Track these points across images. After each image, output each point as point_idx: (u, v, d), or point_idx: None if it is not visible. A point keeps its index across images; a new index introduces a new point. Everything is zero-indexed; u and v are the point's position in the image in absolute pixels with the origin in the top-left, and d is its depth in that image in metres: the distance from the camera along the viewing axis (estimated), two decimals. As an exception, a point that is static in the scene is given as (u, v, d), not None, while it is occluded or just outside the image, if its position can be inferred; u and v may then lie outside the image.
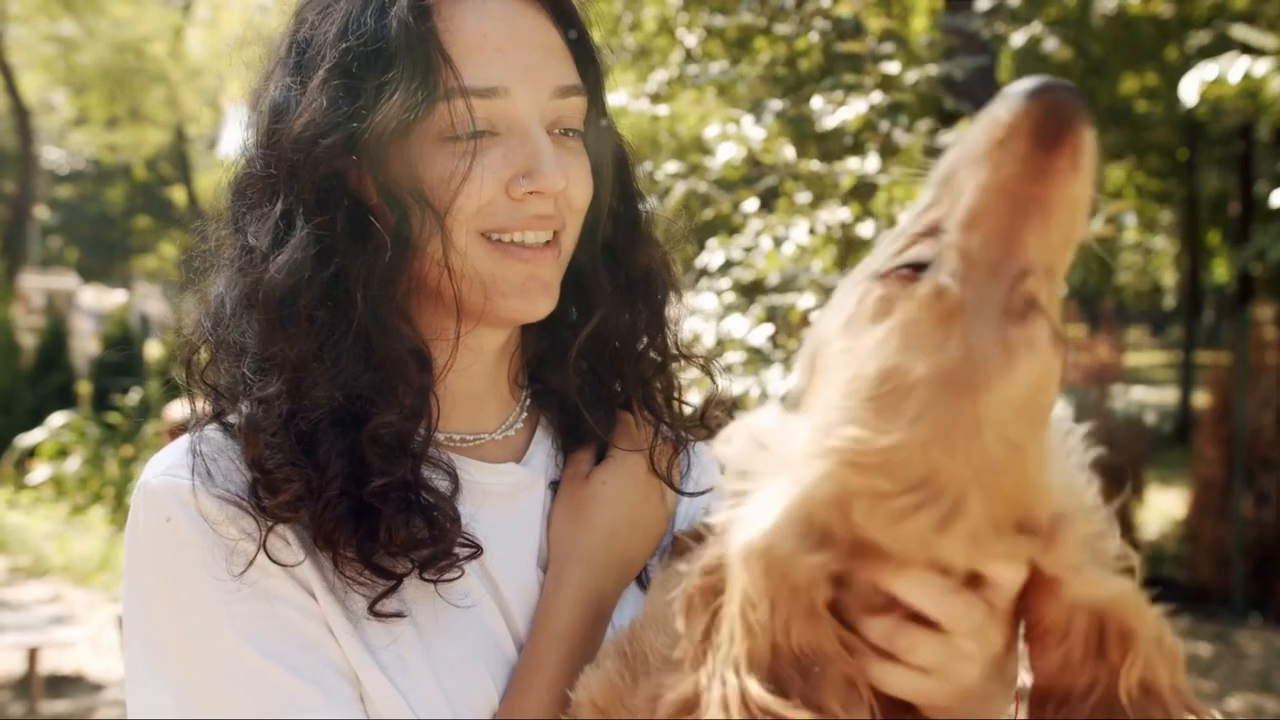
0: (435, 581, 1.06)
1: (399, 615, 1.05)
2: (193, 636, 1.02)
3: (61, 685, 7.14)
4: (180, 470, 1.06)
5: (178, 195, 30.29)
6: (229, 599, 1.02)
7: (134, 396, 13.19)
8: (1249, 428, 8.91)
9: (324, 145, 1.04)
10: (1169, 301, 40.97)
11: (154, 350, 16.27)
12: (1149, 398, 18.37)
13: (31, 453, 12.26)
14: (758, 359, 5.24)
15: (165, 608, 1.04)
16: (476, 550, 1.09)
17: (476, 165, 1.06)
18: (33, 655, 6.56)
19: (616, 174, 1.21)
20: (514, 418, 1.24)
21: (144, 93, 22.78)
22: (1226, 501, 8.98)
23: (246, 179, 1.11)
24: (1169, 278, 36.93)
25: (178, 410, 6.48)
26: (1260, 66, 5.30)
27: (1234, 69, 5.28)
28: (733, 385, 4.32)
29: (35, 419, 13.02)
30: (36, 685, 6.58)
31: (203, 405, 1.13)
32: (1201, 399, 9.89)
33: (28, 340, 15.60)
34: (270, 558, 1.02)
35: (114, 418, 12.67)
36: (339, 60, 1.05)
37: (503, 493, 1.17)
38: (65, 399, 14.15)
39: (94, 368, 15.59)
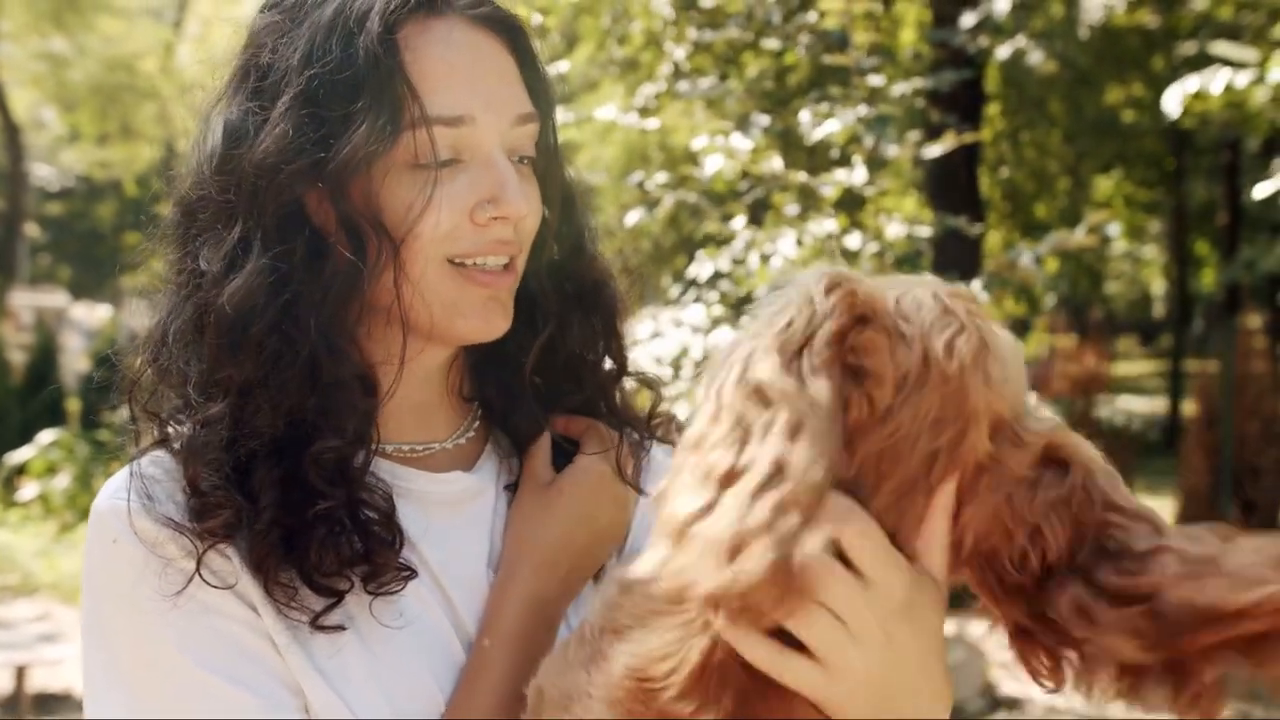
0: (378, 594, 1.08)
1: (340, 628, 1.07)
2: (140, 652, 1.05)
3: (50, 703, 7.11)
4: (124, 494, 1.08)
5: (167, 211, 30.22)
6: (170, 616, 1.04)
7: (123, 414, 13.17)
8: (1236, 436, 8.94)
9: (287, 172, 1.05)
10: (1159, 310, 41.08)
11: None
12: (1138, 407, 18.41)
13: (20, 470, 12.23)
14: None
15: (114, 626, 1.06)
16: (411, 573, 1.10)
17: (441, 192, 1.08)
18: (21, 673, 6.54)
19: (563, 197, 1.24)
20: (466, 426, 1.26)
21: (135, 109, 22.80)
22: (1214, 510, 9.00)
23: (199, 201, 1.11)
24: (1158, 287, 37.04)
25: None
26: (1242, 79, 5.34)
27: (1215, 81, 5.32)
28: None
29: (24, 436, 12.99)
30: (25, 703, 6.56)
31: (147, 430, 1.15)
32: (1189, 408, 9.92)
33: (17, 358, 15.57)
34: (205, 579, 1.05)
35: (103, 435, 12.66)
36: (304, 88, 1.06)
37: (450, 501, 1.19)
38: (55, 416, 14.12)
39: (83, 385, 15.57)
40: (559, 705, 0.96)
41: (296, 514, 1.06)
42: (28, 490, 11.73)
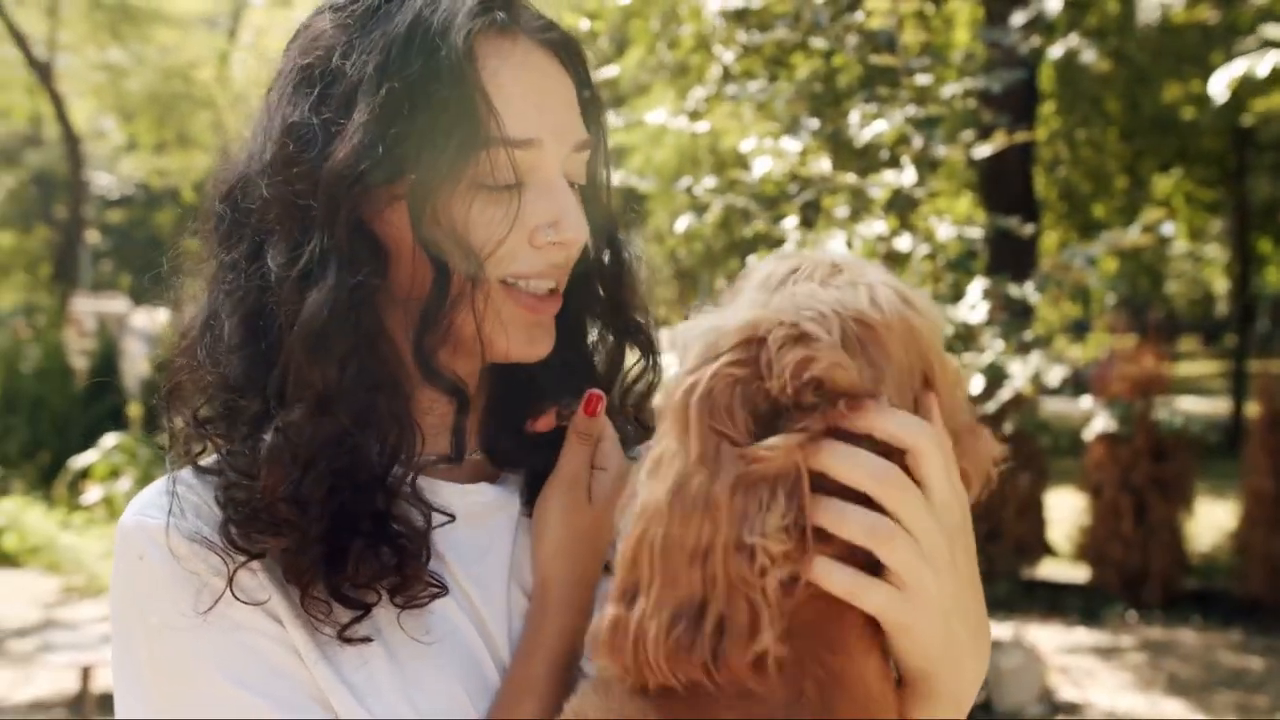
0: (406, 608, 1.08)
1: (367, 640, 1.06)
2: (168, 669, 1.05)
3: (112, 703, 7.23)
4: (150, 510, 1.08)
5: (214, 205, 30.53)
6: (199, 632, 1.04)
7: (165, 429, 13.31)
8: (1300, 437, 8.80)
9: (366, 183, 1.05)
10: (1221, 309, 40.48)
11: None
12: (1200, 408, 18.15)
13: (84, 474, 12.42)
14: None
15: (142, 643, 1.06)
16: (441, 589, 1.10)
17: (509, 213, 1.08)
18: (86, 674, 6.63)
19: (606, 225, 1.24)
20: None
21: (191, 117, 23.08)
22: (1278, 512, 8.86)
23: (261, 201, 1.09)
24: (1221, 286, 36.50)
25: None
26: None
27: (1263, 64, 5.21)
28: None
29: (87, 441, 13.19)
30: (89, 703, 6.66)
31: (182, 440, 1.14)
32: (1252, 409, 9.76)
33: (80, 363, 15.81)
34: (237, 596, 1.05)
35: (163, 439, 12.81)
36: (383, 99, 1.05)
37: (476, 513, 1.18)
38: (117, 421, 14.32)
39: (145, 389, 15.78)
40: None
41: (343, 526, 1.05)
42: (92, 494, 11.90)
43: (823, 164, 5.41)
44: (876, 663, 0.94)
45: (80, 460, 12.48)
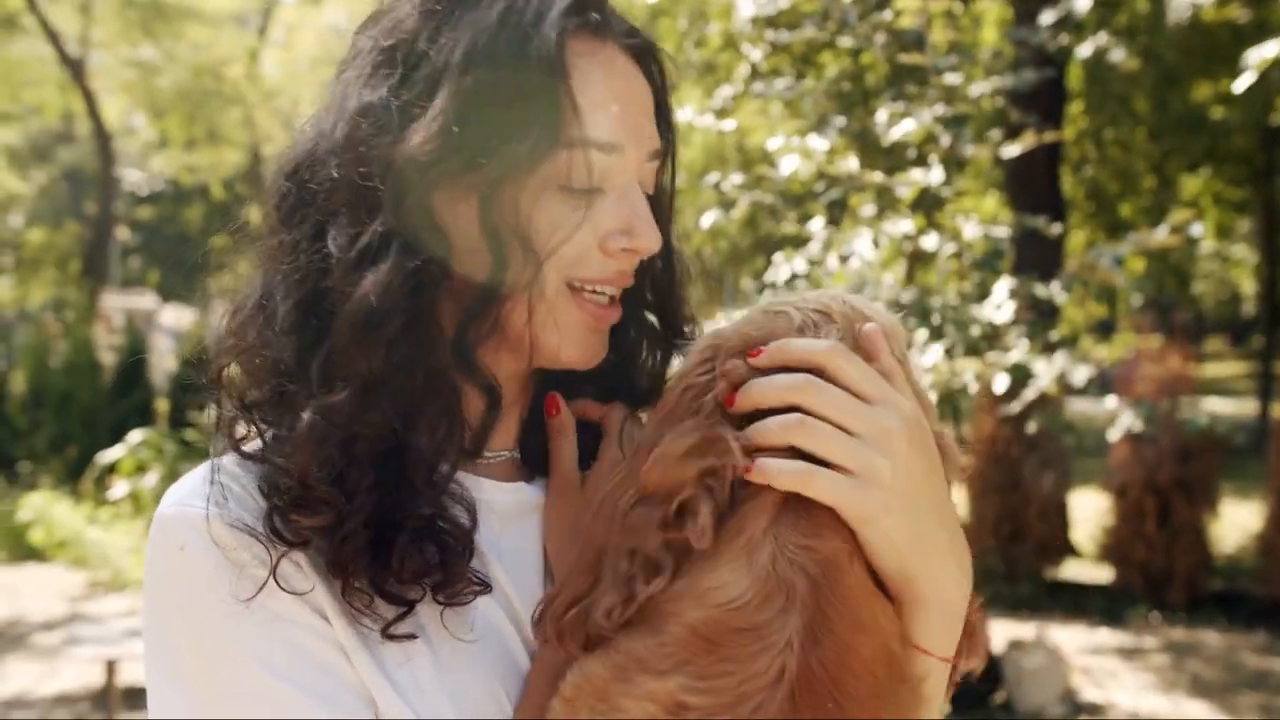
0: (449, 604, 1.07)
1: (412, 636, 1.05)
2: (209, 662, 1.03)
3: (139, 697, 7.26)
4: (193, 499, 1.06)
5: (254, 215, 30.73)
6: (242, 624, 1.02)
7: (210, 413, 13.39)
8: (1327, 439, 8.75)
9: (439, 170, 1.04)
10: (1249, 310, 40.17)
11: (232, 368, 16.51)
12: (1227, 409, 18.04)
13: (111, 469, 12.49)
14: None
15: (182, 635, 1.04)
16: (485, 587, 1.09)
17: (580, 216, 1.08)
18: (111, 667, 6.67)
19: (665, 231, 1.22)
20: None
21: (221, 114, 23.20)
22: (1306, 514, 8.82)
23: (328, 181, 1.07)
24: (1248, 286, 36.23)
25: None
26: None
27: None
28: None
29: (115, 436, 13.26)
30: (114, 697, 6.70)
31: (227, 425, 1.11)
32: (1279, 410, 9.71)
33: (108, 359, 15.91)
34: (281, 585, 1.03)
35: (191, 434, 12.89)
36: (467, 87, 1.04)
37: (515, 512, 1.18)
38: (144, 416, 14.40)
39: (172, 385, 15.87)
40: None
41: (388, 518, 1.04)
42: (118, 489, 11.97)
43: (850, 163, 5.40)
44: (860, 569, 0.97)
45: (107, 455, 12.56)
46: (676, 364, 1.26)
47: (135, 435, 12.63)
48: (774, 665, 0.89)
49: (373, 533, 1.03)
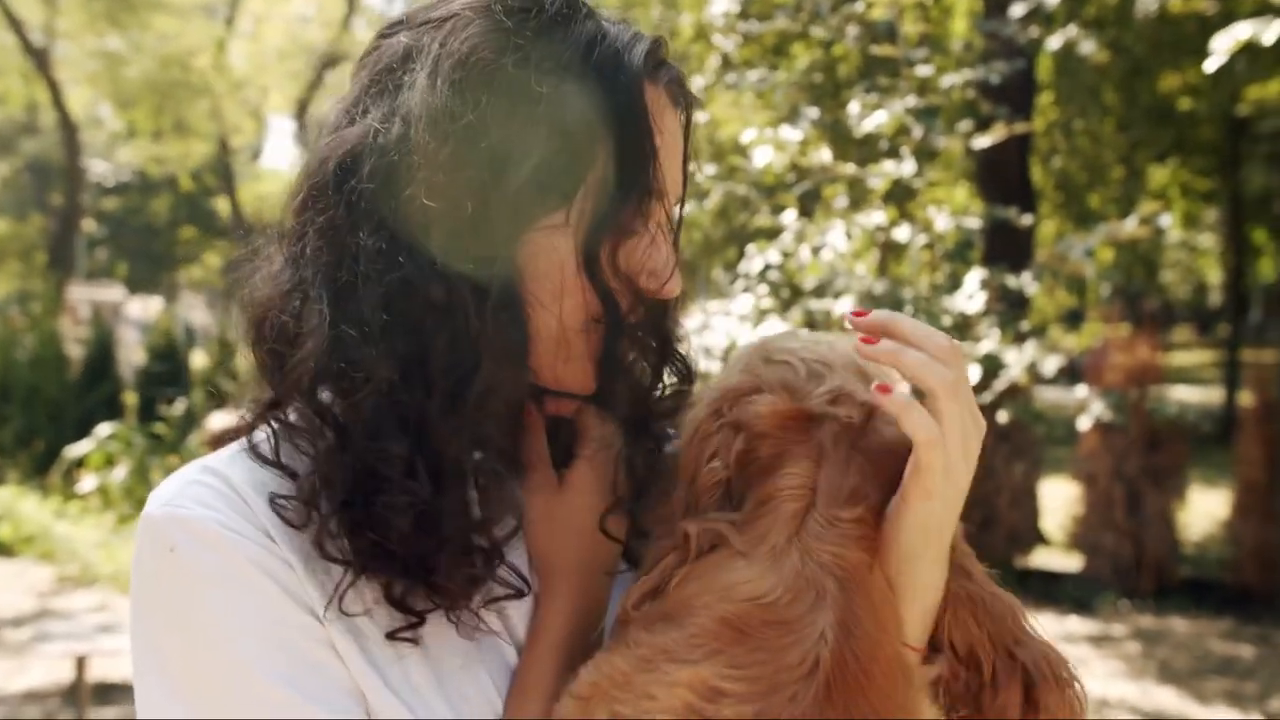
0: (483, 606, 1.08)
1: (410, 641, 1.06)
2: (200, 664, 1.02)
3: (109, 692, 7.23)
4: (182, 500, 1.06)
5: (221, 206, 30.61)
6: (233, 625, 1.02)
7: (179, 407, 13.32)
8: (1293, 427, 8.84)
9: (544, 209, 1.05)
10: (1215, 299, 40.53)
11: (199, 360, 16.42)
12: (1194, 397, 18.19)
13: (79, 463, 12.41)
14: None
15: (171, 637, 1.04)
16: (522, 590, 1.10)
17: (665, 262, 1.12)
18: (81, 663, 6.63)
19: None
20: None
21: (189, 105, 23.02)
22: (1270, 502, 8.90)
23: (425, 198, 1.03)
24: (1215, 276, 36.55)
25: (218, 421, 6.56)
26: None
27: (1269, 32, 5.20)
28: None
29: (82, 430, 13.17)
30: (85, 693, 6.66)
31: (250, 405, 1.11)
32: (1245, 398, 9.79)
33: (75, 351, 15.78)
34: (274, 586, 1.03)
35: (160, 428, 12.81)
36: (565, 125, 1.04)
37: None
38: (112, 409, 14.30)
39: (140, 378, 15.76)
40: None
41: (432, 531, 1.04)
42: (86, 483, 11.90)
43: (823, 154, 5.41)
44: (881, 578, 1.02)
45: (75, 449, 12.48)
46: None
47: (103, 429, 12.55)
48: (808, 657, 0.92)
49: (425, 544, 1.04)
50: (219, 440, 4.71)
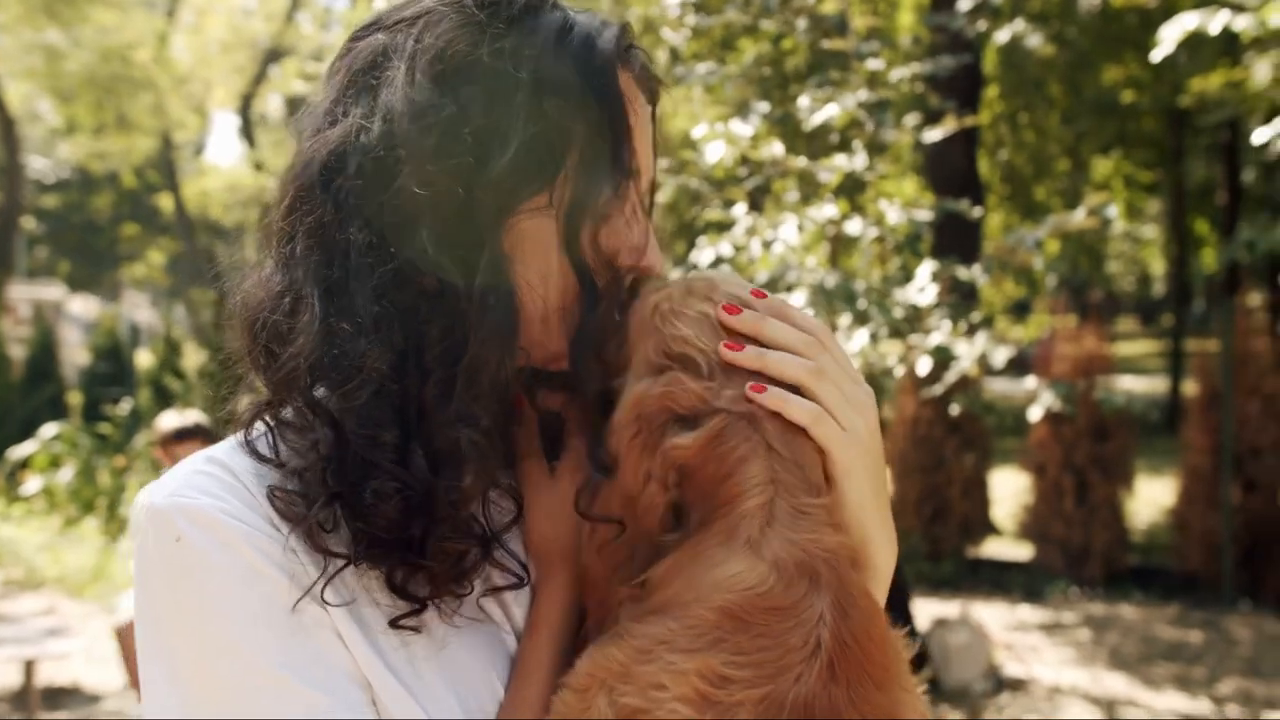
0: (455, 598, 1.09)
1: (413, 629, 1.07)
2: (206, 652, 1.03)
3: (58, 697, 7.15)
4: (187, 490, 1.06)
5: (165, 202, 30.23)
6: (242, 615, 1.03)
7: (125, 406, 13.18)
8: (1237, 416, 8.95)
9: (527, 193, 1.06)
10: (1158, 290, 41.07)
11: (144, 359, 16.24)
12: (1139, 387, 18.43)
13: (23, 464, 12.25)
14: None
15: (179, 627, 1.04)
16: (523, 579, 1.12)
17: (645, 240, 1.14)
18: (29, 667, 6.56)
19: None
20: None
21: (130, 100, 22.72)
22: (1216, 490, 9.03)
23: (410, 190, 1.05)
24: (1158, 266, 37.05)
25: (168, 420, 6.48)
26: (1241, 21, 5.30)
27: (1214, 22, 5.27)
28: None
29: (26, 431, 13.01)
30: (33, 697, 6.59)
31: (244, 405, 1.13)
32: (1190, 388, 9.93)
33: (17, 352, 15.57)
34: (281, 575, 1.04)
35: (105, 428, 12.66)
36: (543, 110, 1.06)
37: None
38: (56, 410, 14.12)
39: (84, 378, 15.57)
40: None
41: (424, 513, 1.05)
42: (31, 484, 11.74)
43: (775, 148, 5.42)
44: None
45: (19, 451, 12.32)
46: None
47: (48, 429, 12.40)
48: (810, 639, 0.95)
49: (414, 529, 1.05)
50: (168, 440, 4.70)
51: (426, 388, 1.05)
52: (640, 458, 1.07)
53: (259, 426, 1.10)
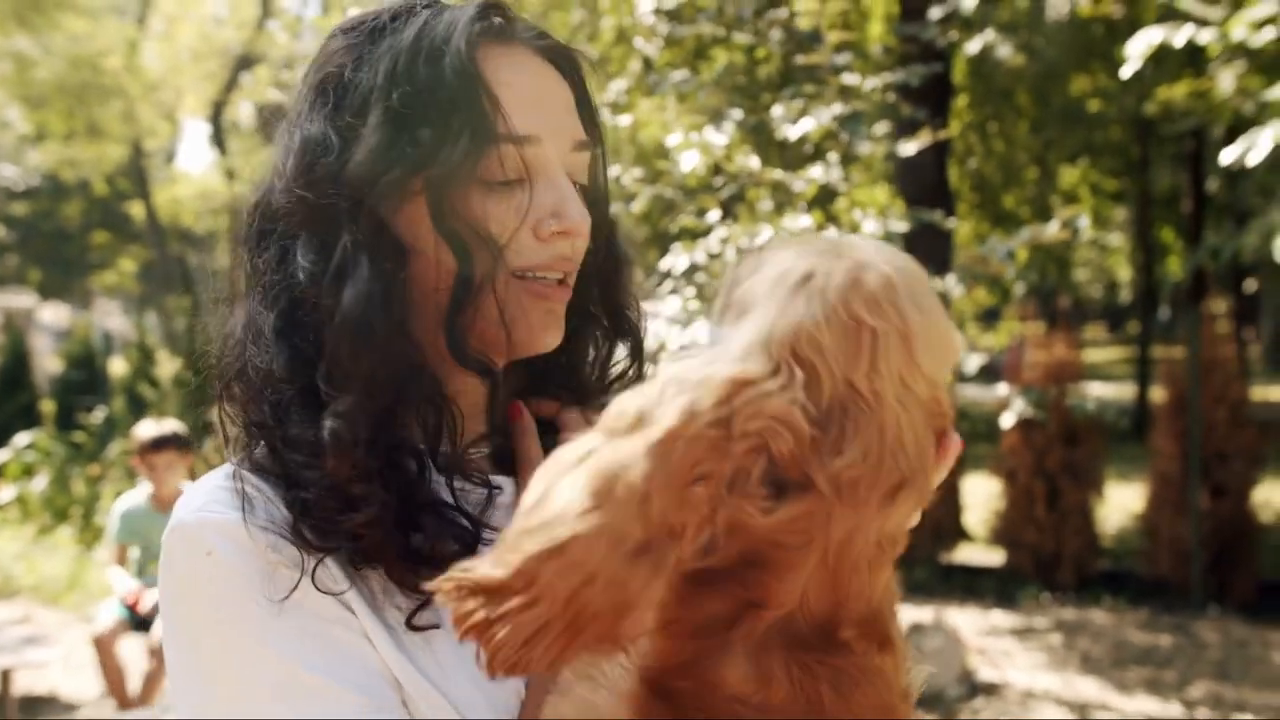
0: None
1: (434, 626, 1.10)
2: (240, 660, 1.06)
3: (35, 706, 7.12)
4: (215, 505, 1.10)
5: (136, 210, 30.04)
6: (277, 622, 1.06)
7: (99, 415, 13.11)
8: (1204, 422, 9.05)
9: (384, 183, 1.10)
10: (1125, 297, 41.35)
11: (118, 367, 16.15)
12: (1106, 393, 18.56)
13: (-4, 473, 12.19)
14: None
15: (214, 639, 1.07)
16: None
17: (514, 207, 1.14)
18: (5, 676, 6.52)
19: (607, 226, 1.30)
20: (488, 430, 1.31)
21: (101, 107, 22.59)
22: (1184, 495, 9.12)
23: (288, 208, 1.15)
24: (1125, 273, 37.31)
25: (145, 429, 6.48)
26: (1205, 35, 5.40)
27: (1179, 35, 5.36)
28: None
29: (-1, 439, 12.93)
30: (10, 707, 6.55)
31: (235, 438, 1.17)
32: (1157, 394, 10.04)
33: (-13, 360, 15.46)
34: (314, 584, 1.08)
35: (79, 436, 12.59)
36: (393, 103, 1.11)
37: (505, 504, 1.22)
38: (29, 418, 14.03)
39: (57, 386, 15.47)
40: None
41: (410, 508, 1.10)
42: (4, 493, 11.67)
43: (750, 160, 5.47)
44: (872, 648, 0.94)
45: (-9, 459, 12.24)
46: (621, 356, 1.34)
47: (21, 438, 12.33)
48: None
49: (399, 526, 1.09)
50: (146, 449, 4.75)
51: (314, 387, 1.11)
52: (681, 485, 0.79)
53: (254, 445, 1.16)
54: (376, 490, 1.08)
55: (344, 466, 1.07)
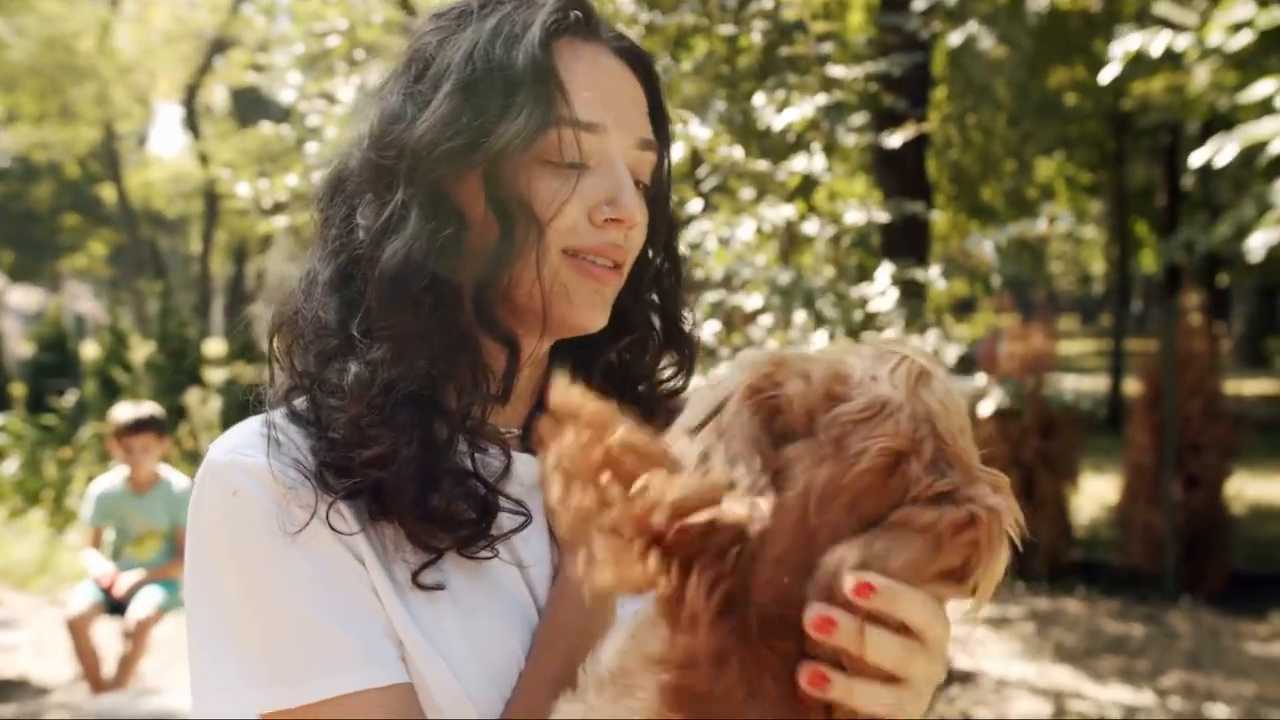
0: (471, 558, 1.16)
1: (439, 587, 1.14)
2: (253, 599, 1.11)
3: (6, 689, 7.07)
4: (246, 449, 1.15)
5: (107, 193, 29.82)
6: (288, 560, 1.11)
7: (70, 398, 13.01)
8: (1179, 414, 9.11)
9: (443, 150, 1.15)
10: (1099, 289, 41.59)
11: (90, 351, 16.04)
12: (1080, 385, 18.68)
13: (-34, 457, 12.08)
14: (705, 355, 5.28)
15: (227, 571, 1.12)
16: (527, 520, 1.19)
17: (568, 188, 1.18)
18: (-21, 660, 6.50)
19: (666, 229, 1.34)
20: (529, 414, 1.34)
21: (74, 89, 22.42)
22: (1158, 487, 9.18)
23: (358, 169, 1.23)
24: (1099, 266, 37.53)
25: (123, 412, 6.44)
26: (1182, 41, 5.43)
27: (1156, 42, 5.39)
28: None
29: (-31, 423, 12.82)
30: (-17, 690, 6.52)
31: (278, 383, 1.23)
32: (1132, 386, 10.09)
33: (-43, 343, 15.34)
34: (330, 527, 1.12)
35: (50, 420, 12.50)
36: (464, 80, 1.17)
37: (530, 483, 1.24)
38: (-1, 402, 13.94)
39: (27, 369, 15.36)
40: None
41: (430, 465, 1.14)
42: (-26, 477, 11.58)
43: (734, 151, 5.46)
44: None
45: (-38, 443, 12.13)
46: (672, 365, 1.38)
47: (-9, 422, 12.22)
48: None
49: (418, 478, 1.13)
50: (123, 431, 4.73)
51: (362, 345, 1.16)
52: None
53: (297, 393, 1.21)
54: (387, 433, 1.12)
55: (359, 407, 1.12)
